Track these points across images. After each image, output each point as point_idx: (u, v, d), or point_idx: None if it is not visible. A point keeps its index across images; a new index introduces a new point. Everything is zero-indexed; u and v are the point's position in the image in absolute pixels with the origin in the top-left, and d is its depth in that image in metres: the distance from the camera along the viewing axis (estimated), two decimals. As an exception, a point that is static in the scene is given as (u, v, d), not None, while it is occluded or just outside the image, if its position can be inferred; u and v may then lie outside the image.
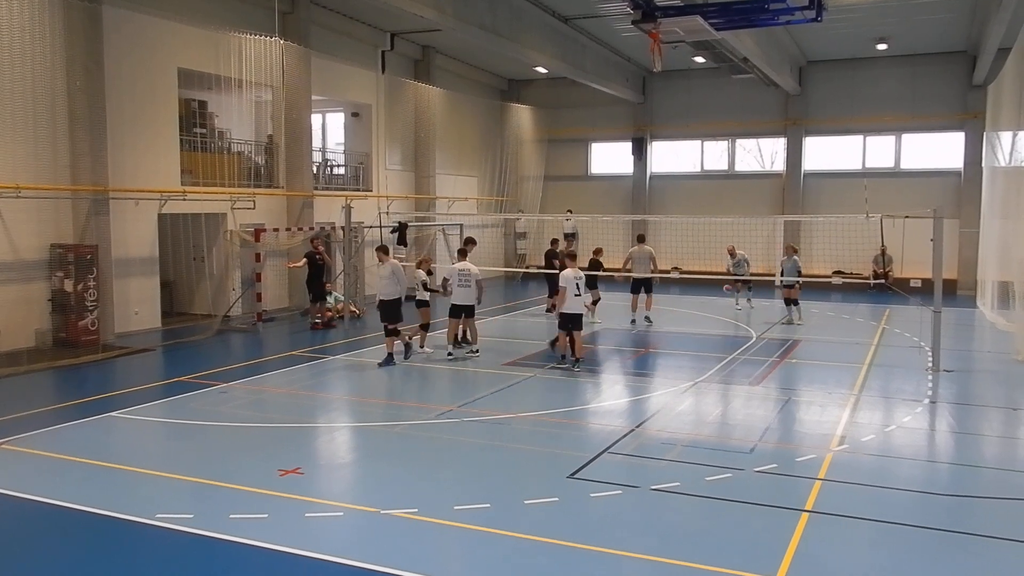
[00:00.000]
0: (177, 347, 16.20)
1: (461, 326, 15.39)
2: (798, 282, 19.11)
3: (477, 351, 15.16)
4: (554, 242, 21.83)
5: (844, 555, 6.82)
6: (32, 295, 15.34)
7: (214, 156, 19.15)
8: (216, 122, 19.84)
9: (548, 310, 19.21)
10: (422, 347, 15.32)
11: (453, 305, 15.02)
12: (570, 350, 14.07)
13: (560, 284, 14.06)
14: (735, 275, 21.05)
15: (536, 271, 22.60)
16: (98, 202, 15.93)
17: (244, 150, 20.55)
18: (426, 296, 15.59)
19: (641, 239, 20.26)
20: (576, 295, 13.83)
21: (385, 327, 14.53)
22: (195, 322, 18.44)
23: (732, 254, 21.01)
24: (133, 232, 17.14)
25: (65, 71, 15.35)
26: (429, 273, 16.07)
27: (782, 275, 19.36)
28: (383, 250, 14.88)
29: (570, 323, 13.96)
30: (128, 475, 8.61)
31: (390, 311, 14.46)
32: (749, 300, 21.90)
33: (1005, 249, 18.17)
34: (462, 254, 16.07)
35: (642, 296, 19.16)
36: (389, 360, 14.26)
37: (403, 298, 14.59)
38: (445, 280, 15.65)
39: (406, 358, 14.65)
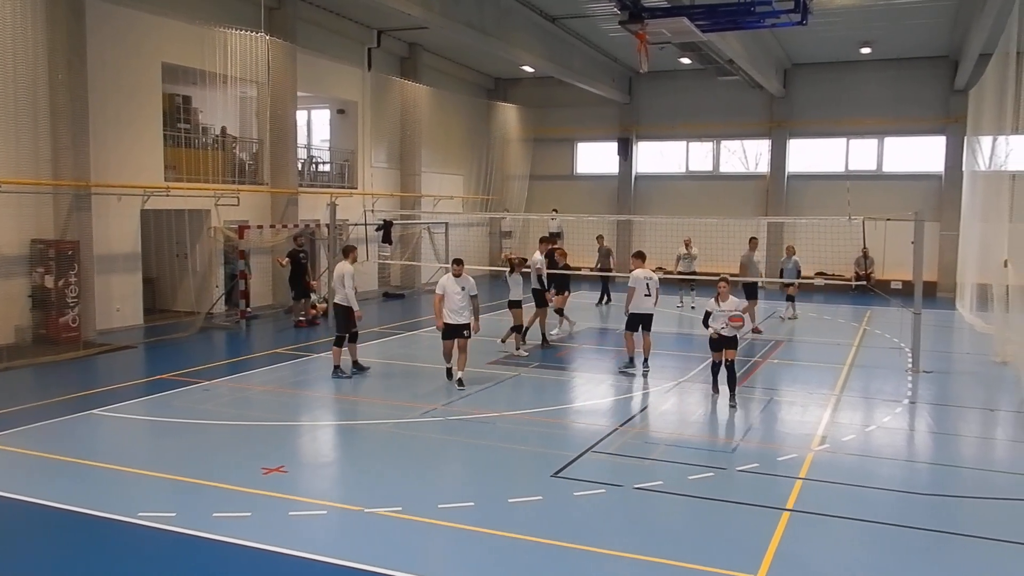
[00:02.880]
0: (159, 344, 16.11)
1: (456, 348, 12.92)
2: (796, 282, 19.44)
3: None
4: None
5: (824, 553, 6.89)
6: (12, 291, 15.20)
7: (198, 152, 19.03)
8: (200, 117, 19.71)
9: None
10: (517, 349, 15.04)
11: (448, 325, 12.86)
12: (641, 352, 13.84)
13: (630, 284, 13.73)
14: (682, 272, 21.15)
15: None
16: (80, 197, 15.79)
17: (216, 142, 20.38)
18: (519, 296, 15.17)
19: (753, 243, 18.95)
20: (646, 295, 13.58)
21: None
22: (178, 319, 18.34)
23: (687, 247, 21.19)
24: (115, 228, 17.01)
25: (47, 65, 15.22)
26: (525, 266, 15.68)
27: (781, 275, 19.57)
28: (345, 251, 13.86)
29: (640, 323, 13.71)
30: (110, 473, 8.57)
31: (338, 317, 13.56)
32: (692, 299, 21.99)
33: (984, 252, 18.33)
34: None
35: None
36: (336, 371, 13.28)
37: (348, 306, 13.20)
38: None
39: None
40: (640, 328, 13.80)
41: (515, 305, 15.24)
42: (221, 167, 19.24)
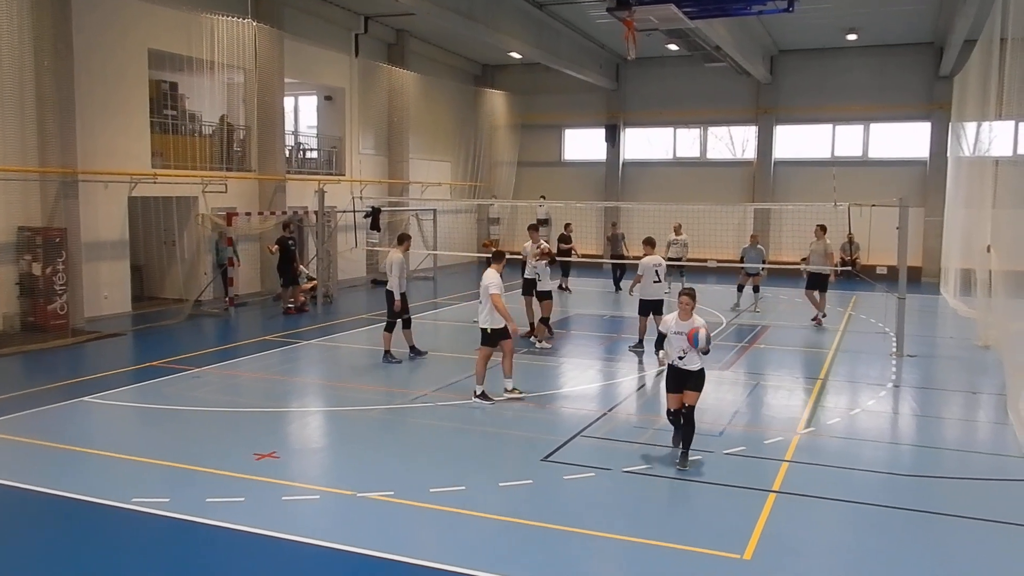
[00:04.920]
0: (148, 332, 16.09)
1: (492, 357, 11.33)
2: (760, 270, 19.44)
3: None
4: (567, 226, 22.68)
5: (810, 533, 7.02)
6: (-1, 278, 15.17)
7: (185, 139, 18.96)
8: (187, 104, 19.62)
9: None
10: (541, 342, 14.73)
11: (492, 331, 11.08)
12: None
13: (639, 271, 14.09)
14: (671, 258, 21.16)
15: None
16: (67, 184, 15.72)
17: (215, 133, 20.33)
18: (549, 287, 14.94)
19: (822, 230, 17.60)
20: (655, 281, 13.90)
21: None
22: (166, 306, 18.32)
23: (677, 232, 21.23)
24: (103, 215, 16.95)
25: (33, 51, 15.10)
26: (552, 261, 15.21)
27: (742, 261, 19.53)
28: (400, 239, 14.12)
29: (651, 309, 14.00)
30: (102, 460, 8.62)
31: (389, 303, 13.65)
32: (682, 285, 21.99)
33: (968, 237, 18.53)
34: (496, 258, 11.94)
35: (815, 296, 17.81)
36: (386, 356, 13.44)
37: (395, 292, 13.41)
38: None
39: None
40: (651, 313, 14.03)
41: (545, 296, 15.02)
42: (208, 154, 19.18)
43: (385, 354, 13.48)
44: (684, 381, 8.65)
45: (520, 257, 15.90)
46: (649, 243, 14.50)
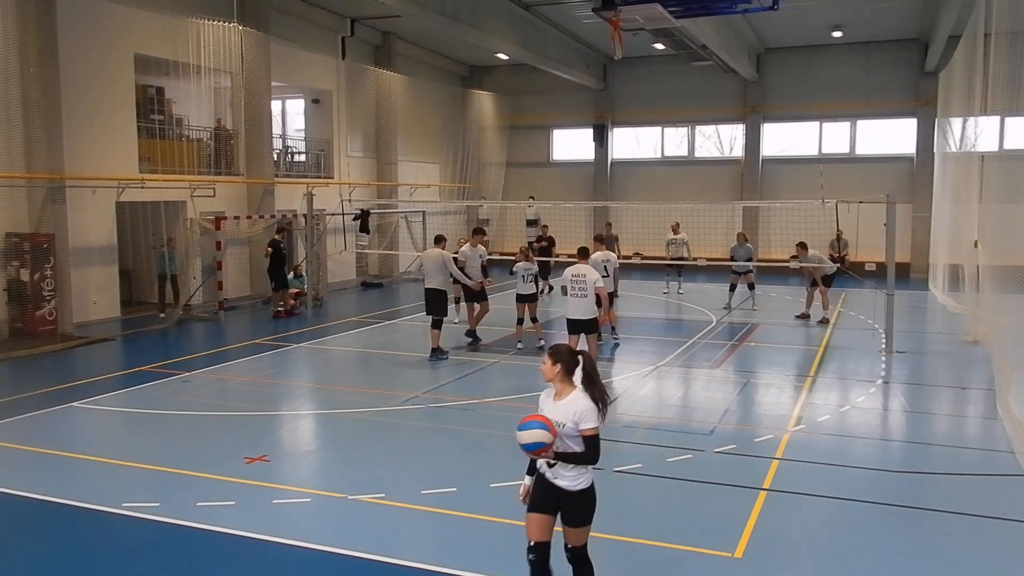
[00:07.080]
0: (137, 336, 16.03)
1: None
2: (751, 266, 19.50)
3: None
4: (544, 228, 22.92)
5: (800, 531, 7.04)
6: (-13, 285, 15.09)
7: (172, 143, 18.90)
8: (174, 108, 19.57)
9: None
10: (540, 340, 14.55)
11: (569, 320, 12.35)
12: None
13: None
14: (672, 257, 21.21)
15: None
16: (54, 190, 15.66)
17: (203, 137, 20.30)
18: (532, 289, 14.85)
19: (803, 248, 17.53)
20: (604, 276, 14.10)
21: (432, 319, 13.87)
22: (155, 311, 18.24)
23: (675, 231, 21.28)
24: (91, 220, 16.89)
25: (19, 57, 15.03)
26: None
27: (732, 260, 19.59)
28: (437, 240, 14.42)
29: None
30: (92, 464, 8.57)
31: (434, 301, 13.83)
32: (679, 285, 22.11)
33: (955, 233, 18.62)
34: (582, 254, 12.81)
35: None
36: (435, 354, 13.65)
37: (442, 290, 13.78)
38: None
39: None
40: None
41: (530, 299, 14.85)
42: (196, 158, 19.13)
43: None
44: (558, 503, 5.45)
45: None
46: (599, 240, 15.62)
